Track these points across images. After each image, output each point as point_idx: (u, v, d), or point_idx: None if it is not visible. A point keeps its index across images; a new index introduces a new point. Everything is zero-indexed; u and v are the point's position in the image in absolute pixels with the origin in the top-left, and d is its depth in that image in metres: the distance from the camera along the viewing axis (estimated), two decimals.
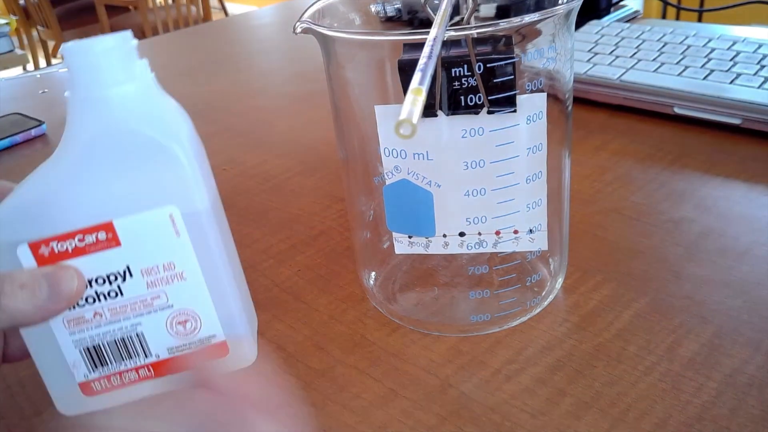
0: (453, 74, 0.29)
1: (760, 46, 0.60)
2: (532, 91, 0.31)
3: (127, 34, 0.27)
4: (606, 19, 0.77)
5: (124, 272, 0.28)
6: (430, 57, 0.23)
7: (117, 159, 0.27)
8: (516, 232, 0.33)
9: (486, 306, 0.36)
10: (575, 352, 0.34)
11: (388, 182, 0.33)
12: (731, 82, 0.55)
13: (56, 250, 0.27)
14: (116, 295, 0.29)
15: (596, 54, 0.64)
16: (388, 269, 0.41)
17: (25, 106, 0.79)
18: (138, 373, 0.30)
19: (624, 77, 0.59)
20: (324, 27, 0.31)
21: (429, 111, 0.30)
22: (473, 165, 0.31)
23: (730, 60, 0.58)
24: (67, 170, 0.27)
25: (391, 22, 0.39)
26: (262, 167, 0.58)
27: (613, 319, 0.36)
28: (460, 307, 0.37)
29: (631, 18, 0.81)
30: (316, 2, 0.34)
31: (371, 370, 0.34)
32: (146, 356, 0.30)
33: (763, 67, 0.56)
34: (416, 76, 0.22)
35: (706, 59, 0.59)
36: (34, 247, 0.27)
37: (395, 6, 0.40)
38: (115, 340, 0.30)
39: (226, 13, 3.59)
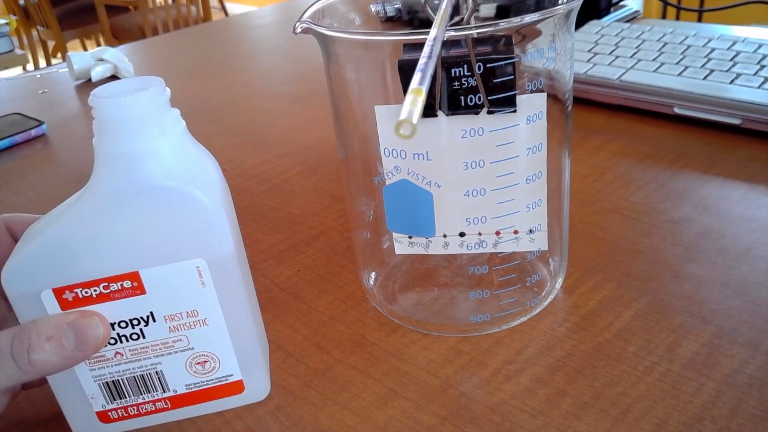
0: (453, 74, 0.29)
1: (760, 46, 0.60)
2: (532, 91, 0.31)
3: (161, 87, 0.26)
4: (606, 19, 0.77)
5: (148, 317, 0.29)
6: (430, 57, 0.23)
7: (145, 210, 0.27)
8: (516, 232, 0.33)
9: (486, 306, 0.36)
10: (575, 352, 0.34)
11: (388, 182, 0.33)
12: (731, 82, 0.55)
13: (80, 296, 0.28)
14: (138, 337, 0.29)
15: (596, 54, 0.64)
16: (388, 269, 0.41)
17: (25, 106, 0.79)
18: (155, 405, 0.31)
19: (624, 77, 0.59)
20: (324, 27, 0.31)
21: (429, 111, 0.30)
22: (473, 165, 0.31)
23: (730, 60, 0.58)
24: (94, 220, 0.27)
25: (391, 22, 0.39)
26: (262, 167, 0.58)
27: (613, 319, 0.36)
28: (460, 307, 0.37)
29: (631, 18, 0.81)
30: (316, 2, 0.34)
31: (371, 370, 0.34)
32: (164, 391, 0.31)
33: (763, 67, 0.56)
34: (416, 76, 0.22)
35: (706, 59, 0.59)
36: (58, 292, 0.27)
37: (395, 6, 0.40)
38: (134, 377, 0.30)
39: (226, 13, 3.59)
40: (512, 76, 0.30)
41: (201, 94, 0.77)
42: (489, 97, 0.30)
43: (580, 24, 0.71)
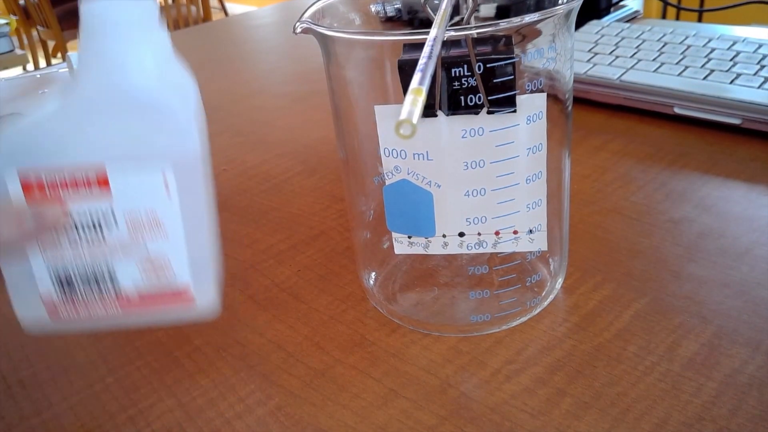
0: (453, 74, 0.29)
1: (760, 46, 0.60)
2: (532, 91, 0.31)
3: (151, 1, 0.27)
4: (606, 19, 0.77)
5: (109, 215, 0.29)
6: (430, 57, 0.23)
7: (120, 111, 0.27)
8: (516, 232, 0.33)
9: (486, 306, 0.36)
10: (575, 352, 0.34)
11: (388, 182, 0.33)
12: (731, 82, 0.55)
13: (45, 181, 0.28)
14: (97, 233, 0.29)
15: (596, 54, 0.64)
16: (388, 269, 0.41)
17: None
18: (105, 306, 0.31)
19: (624, 77, 0.59)
20: (324, 27, 0.31)
21: (429, 111, 0.30)
22: (473, 165, 0.31)
23: (730, 60, 0.58)
24: (69, 114, 0.27)
25: (391, 22, 0.39)
26: (262, 167, 0.58)
27: (613, 319, 0.36)
28: (460, 307, 0.37)
29: (631, 18, 0.81)
30: (316, 2, 0.34)
31: (371, 370, 0.34)
32: (115, 293, 0.31)
33: (763, 67, 0.56)
34: (416, 76, 0.22)
35: (706, 59, 0.59)
36: (24, 173, 0.27)
37: (395, 6, 0.40)
38: (87, 274, 0.30)
39: (226, 13, 3.59)
40: (512, 76, 0.30)
41: (201, 94, 0.77)
42: (489, 97, 0.30)
43: (580, 24, 0.71)
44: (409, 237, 0.34)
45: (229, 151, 0.62)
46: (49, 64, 3.14)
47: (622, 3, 0.82)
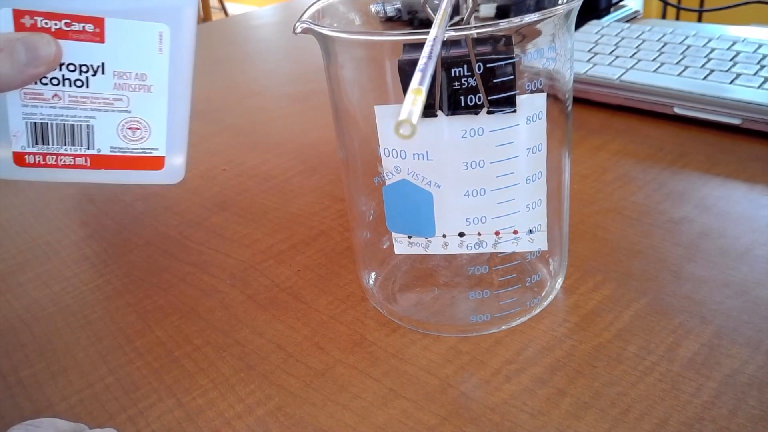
0: (453, 74, 0.29)
1: (760, 46, 0.60)
2: (532, 91, 0.31)
3: None
4: (606, 19, 0.77)
5: (98, 67, 0.29)
6: (430, 57, 0.23)
7: None
8: (516, 232, 0.33)
9: (486, 306, 0.36)
10: (575, 352, 0.34)
11: (388, 182, 0.33)
12: (731, 82, 0.55)
13: (39, 25, 0.27)
14: (82, 85, 0.29)
15: (596, 54, 0.64)
16: (388, 269, 0.41)
17: None
18: (75, 159, 0.31)
19: (624, 77, 0.59)
20: (324, 27, 0.31)
21: (429, 111, 0.30)
22: (473, 165, 0.31)
23: (730, 60, 0.58)
24: None
25: (391, 22, 0.39)
26: (262, 167, 0.58)
27: (613, 319, 0.36)
28: (460, 307, 0.37)
29: (631, 18, 0.81)
30: (316, 2, 0.34)
31: (371, 370, 0.34)
32: (88, 148, 0.31)
33: (763, 67, 0.56)
34: (416, 76, 0.22)
35: (706, 59, 0.59)
36: (18, 15, 0.27)
37: (395, 6, 0.40)
38: (64, 125, 0.30)
39: (226, 13, 3.59)
40: (512, 76, 0.30)
41: (201, 94, 0.77)
42: (489, 97, 0.30)
43: (580, 24, 0.71)
44: (409, 237, 0.34)
45: (229, 151, 0.62)
46: None
47: (622, 3, 0.82)
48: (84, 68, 0.29)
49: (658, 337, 0.34)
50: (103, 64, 0.29)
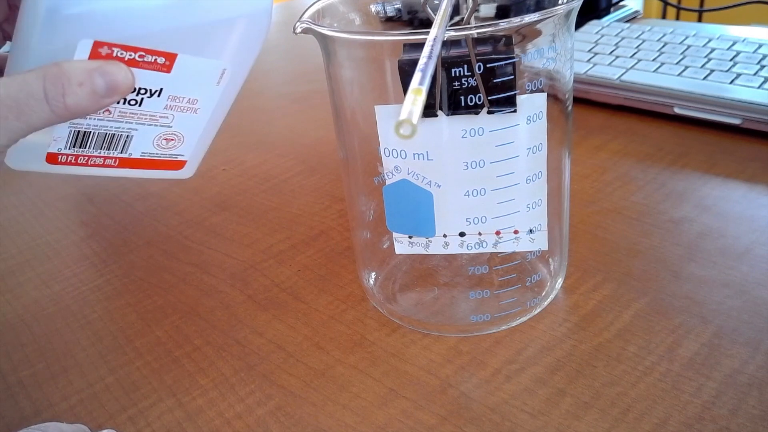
0: (453, 74, 0.29)
1: (760, 46, 0.60)
2: (532, 91, 0.31)
3: None
4: (606, 19, 0.77)
5: (155, 91, 0.29)
6: (430, 57, 0.23)
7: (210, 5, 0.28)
8: (516, 232, 0.33)
9: (486, 306, 0.36)
10: (575, 352, 0.34)
11: (388, 182, 0.33)
12: (731, 82, 0.55)
13: (114, 55, 0.27)
14: (135, 104, 0.29)
15: (596, 54, 0.64)
16: (388, 269, 0.41)
17: None
18: (105, 161, 0.31)
19: (624, 77, 0.59)
20: (324, 27, 0.31)
21: (429, 111, 0.30)
22: (473, 165, 0.31)
23: (730, 60, 0.58)
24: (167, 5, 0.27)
25: (391, 22, 0.39)
26: (262, 167, 0.58)
27: (613, 319, 0.36)
28: (460, 307, 0.37)
29: (631, 18, 0.81)
30: (316, 2, 0.34)
31: (371, 370, 0.34)
32: (121, 152, 0.31)
33: (763, 67, 0.56)
34: (416, 76, 0.22)
35: (706, 59, 0.59)
36: (98, 45, 0.27)
37: (395, 6, 0.40)
38: (106, 134, 0.30)
39: None
40: (512, 76, 0.30)
41: None
42: (489, 97, 0.30)
43: (580, 24, 0.71)
44: (410, 237, 0.34)
45: (229, 151, 0.62)
46: None
47: (622, 3, 0.82)
48: (143, 91, 0.29)
49: (658, 337, 0.34)
50: (162, 89, 0.29)
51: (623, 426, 0.30)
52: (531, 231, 0.34)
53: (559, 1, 0.32)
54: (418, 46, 0.24)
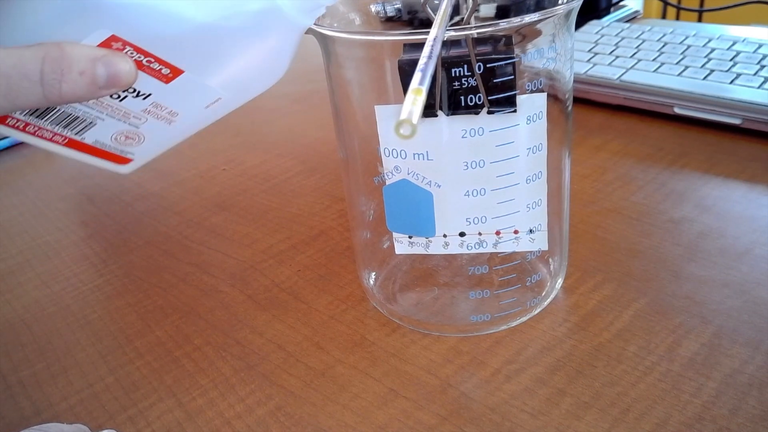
0: (453, 74, 0.29)
1: (760, 46, 0.60)
2: (532, 91, 0.31)
3: None
4: (606, 19, 0.77)
5: (143, 94, 0.28)
6: (430, 57, 0.23)
7: (245, 34, 0.28)
8: (516, 232, 0.33)
9: (486, 306, 0.36)
10: (575, 352, 0.34)
11: (388, 182, 0.33)
12: (731, 82, 0.55)
13: (124, 52, 0.26)
14: (117, 98, 0.28)
15: (596, 54, 0.64)
16: (388, 269, 0.41)
17: None
18: (54, 136, 0.30)
19: (624, 77, 0.59)
20: (324, 27, 0.31)
21: (429, 111, 0.30)
22: (473, 165, 0.31)
23: (730, 60, 0.58)
24: (200, 25, 0.26)
25: (391, 22, 0.39)
26: (262, 167, 0.58)
27: (613, 319, 0.36)
28: (460, 307, 0.37)
29: (631, 18, 0.81)
30: None
31: (371, 370, 0.34)
32: (75, 135, 0.30)
33: (763, 67, 0.56)
34: (416, 76, 0.22)
35: (706, 59, 0.59)
36: (113, 40, 0.26)
37: (395, 6, 0.40)
38: (70, 114, 0.29)
39: None
40: (512, 76, 0.30)
41: None
42: (489, 97, 0.30)
43: (580, 24, 0.71)
44: (410, 237, 0.34)
45: (229, 151, 0.62)
46: None
47: (622, 3, 0.82)
48: (131, 90, 0.28)
49: (658, 337, 0.34)
50: (150, 94, 0.28)
51: (623, 426, 0.30)
52: (531, 231, 0.34)
53: (559, 1, 0.32)
54: (418, 46, 0.24)
